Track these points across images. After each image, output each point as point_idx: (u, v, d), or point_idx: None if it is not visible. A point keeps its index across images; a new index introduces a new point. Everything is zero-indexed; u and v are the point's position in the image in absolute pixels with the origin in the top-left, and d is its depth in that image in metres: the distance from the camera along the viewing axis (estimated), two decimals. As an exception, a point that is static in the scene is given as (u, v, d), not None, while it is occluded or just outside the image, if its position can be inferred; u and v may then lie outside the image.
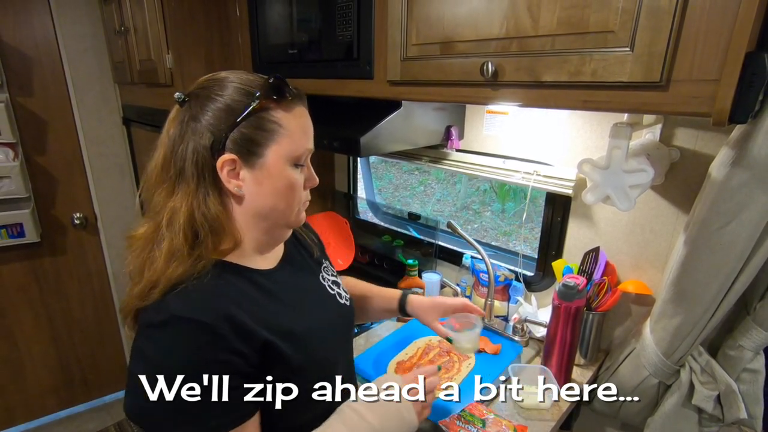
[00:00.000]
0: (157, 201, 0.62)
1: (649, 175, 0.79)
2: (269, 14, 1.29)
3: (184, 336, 0.55)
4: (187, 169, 0.60)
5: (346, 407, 0.66)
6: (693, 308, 0.87)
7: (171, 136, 0.62)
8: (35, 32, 1.77)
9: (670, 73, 0.62)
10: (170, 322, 0.55)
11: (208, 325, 0.55)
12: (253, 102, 0.60)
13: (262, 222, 0.66)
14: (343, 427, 0.64)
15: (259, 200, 0.64)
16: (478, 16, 0.80)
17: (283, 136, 0.62)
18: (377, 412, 0.65)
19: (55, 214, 1.97)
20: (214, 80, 0.63)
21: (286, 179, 0.64)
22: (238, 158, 0.60)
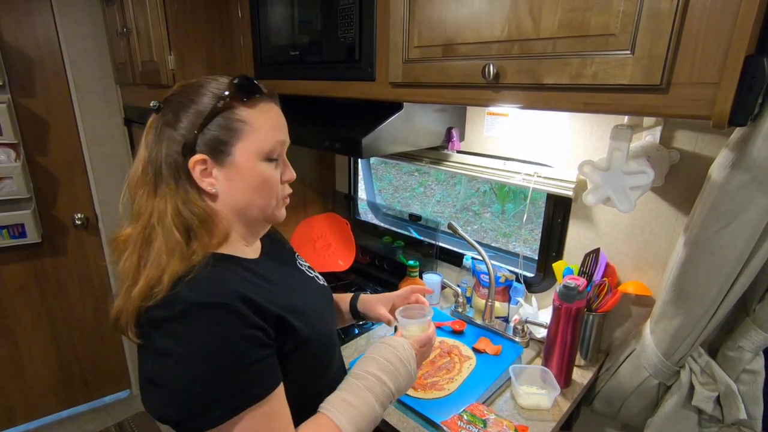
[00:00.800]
0: (140, 203, 0.64)
1: (650, 176, 0.79)
2: (271, 16, 1.29)
3: (206, 320, 0.57)
4: (164, 171, 0.63)
5: (367, 374, 0.69)
6: (693, 309, 0.87)
7: (148, 142, 0.65)
8: (37, 33, 1.78)
9: (671, 76, 0.62)
10: (189, 311, 0.57)
11: (227, 305, 0.58)
12: (219, 103, 0.63)
13: (242, 217, 0.69)
14: (367, 393, 0.67)
15: (234, 197, 0.67)
16: (480, 18, 0.81)
17: (250, 132, 0.65)
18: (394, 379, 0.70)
19: (56, 214, 1.97)
20: (187, 86, 0.66)
21: (258, 175, 0.66)
22: (208, 158, 0.63)
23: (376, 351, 0.73)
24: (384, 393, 0.68)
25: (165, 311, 0.57)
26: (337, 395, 0.67)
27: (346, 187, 1.90)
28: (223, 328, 0.57)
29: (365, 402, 0.66)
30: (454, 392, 1.00)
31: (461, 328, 1.25)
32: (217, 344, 0.56)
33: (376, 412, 0.67)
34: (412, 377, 0.73)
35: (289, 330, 0.65)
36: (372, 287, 1.63)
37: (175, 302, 0.57)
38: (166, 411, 0.57)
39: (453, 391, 1.00)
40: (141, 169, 0.64)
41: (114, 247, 0.66)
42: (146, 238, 0.62)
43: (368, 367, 0.70)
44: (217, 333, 0.57)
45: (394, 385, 0.70)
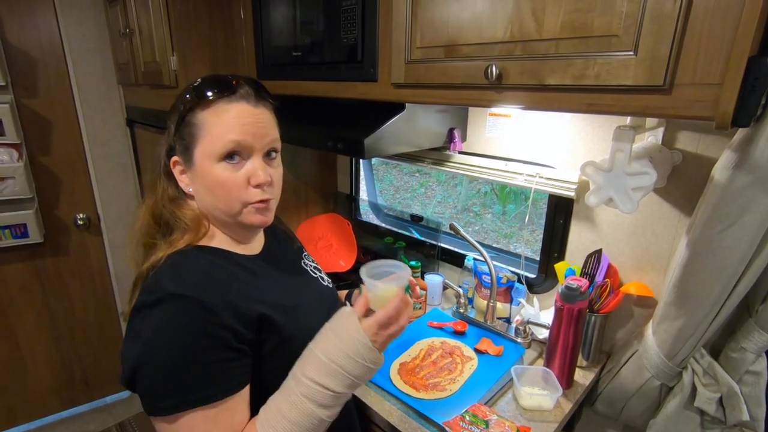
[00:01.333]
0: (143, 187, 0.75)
1: (652, 177, 0.79)
2: (273, 16, 1.30)
3: (175, 311, 0.59)
4: (158, 169, 0.72)
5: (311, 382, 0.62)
6: (695, 310, 0.87)
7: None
8: (40, 33, 1.79)
9: (674, 77, 0.63)
10: (163, 300, 0.60)
11: (199, 301, 0.60)
12: (182, 107, 0.67)
13: (215, 218, 0.71)
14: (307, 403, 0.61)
15: (201, 196, 0.70)
16: (483, 19, 0.81)
17: (204, 135, 0.66)
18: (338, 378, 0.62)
19: (58, 214, 1.98)
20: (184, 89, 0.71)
21: (213, 177, 0.66)
22: (180, 160, 0.69)
23: (320, 344, 0.64)
24: (326, 396, 0.62)
25: (145, 297, 0.61)
26: (274, 402, 0.63)
27: (347, 187, 1.90)
28: (188, 322, 0.59)
29: (301, 411, 0.61)
30: (456, 393, 1.00)
31: (463, 329, 1.25)
32: (180, 336, 0.59)
33: (318, 417, 0.62)
34: (368, 369, 0.63)
35: (272, 328, 0.66)
36: (373, 288, 1.63)
37: (155, 290, 0.61)
38: (131, 387, 0.61)
39: (455, 392, 1.00)
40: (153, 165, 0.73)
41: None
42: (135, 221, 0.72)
43: (307, 370, 0.63)
44: (184, 326, 0.59)
45: (341, 386, 0.62)
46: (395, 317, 0.65)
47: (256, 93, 0.69)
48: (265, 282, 0.72)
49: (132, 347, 0.60)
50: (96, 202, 2.06)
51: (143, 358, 0.58)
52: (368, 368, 0.64)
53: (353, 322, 0.64)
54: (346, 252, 1.76)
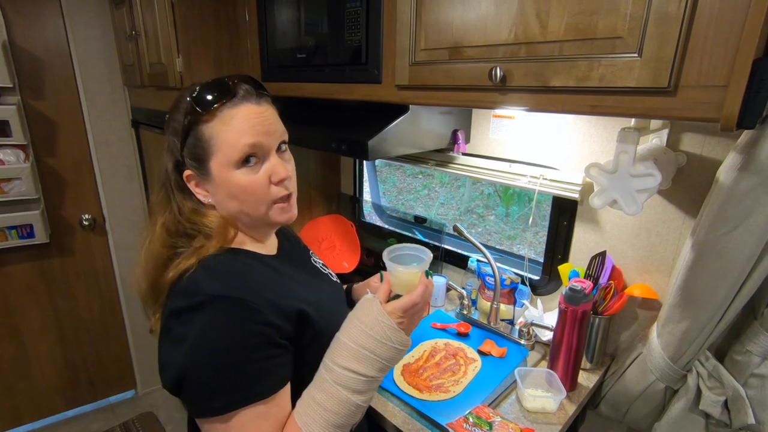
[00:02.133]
0: (151, 205, 0.72)
1: (657, 179, 0.79)
2: (278, 19, 1.30)
3: (221, 313, 0.59)
4: (167, 182, 0.70)
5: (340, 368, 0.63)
6: (700, 313, 0.87)
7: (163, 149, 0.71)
8: (47, 36, 1.80)
9: (678, 78, 0.62)
10: (207, 302, 0.59)
11: (243, 300, 0.60)
12: (185, 123, 0.64)
13: (240, 221, 0.71)
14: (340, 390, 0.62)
15: (224, 204, 0.69)
16: (487, 21, 0.81)
17: (216, 146, 0.64)
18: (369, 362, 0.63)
19: (63, 215, 1.99)
20: (178, 96, 0.68)
21: (235, 184, 0.66)
22: (194, 173, 0.68)
23: (347, 332, 0.65)
24: (360, 381, 0.62)
25: (185, 301, 0.61)
26: (308, 393, 0.64)
27: (351, 189, 1.90)
28: (235, 322, 0.59)
29: (336, 399, 0.62)
30: (460, 394, 1.00)
31: (466, 331, 1.24)
32: (228, 337, 0.59)
33: (354, 403, 0.63)
34: (397, 350, 0.65)
35: (308, 322, 0.67)
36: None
37: (195, 293, 0.60)
38: (176, 392, 0.61)
39: (458, 394, 1.00)
40: (157, 174, 0.72)
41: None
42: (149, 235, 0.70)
43: (337, 357, 0.63)
44: (230, 325, 0.59)
45: (373, 370, 0.63)
46: (413, 305, 0.66)
47: (255, 90, 0.67)
48: (290, 280, 0.72)
49: (176, 352, 0.60)
50: (101, 203, 2.07)
51: (191, 361, 0.58)
52: (397, 350, 0.65)
53: (377, 306, 0.65)
54: (349, 253, 1.76)
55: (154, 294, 0.68)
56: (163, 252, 0.67)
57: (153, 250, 0.67)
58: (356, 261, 1.72)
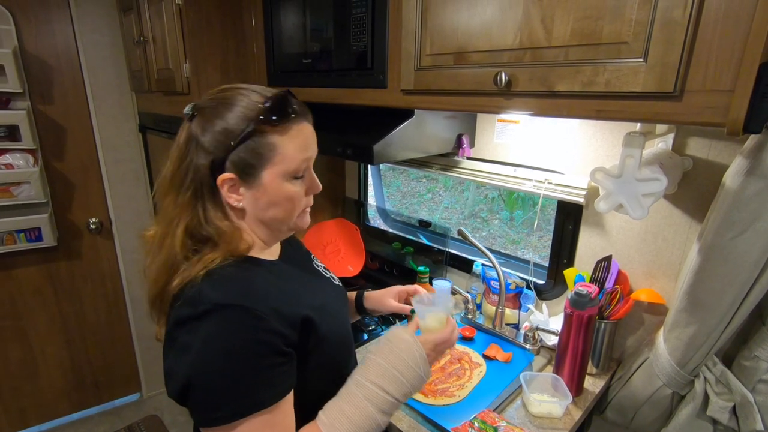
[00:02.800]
0: (165, 207, 0.67)
1: (663, 183, 0.79)
2: (284, 24, 1.32)
3: (226, 321, 0.59)
4: (189, 184, 0.65)
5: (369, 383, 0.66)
6: (707, 318, 0.87)
7: (180, 148, 0.66)
8: (57, 42, 1.83)
9: (684, 83, 0.63)
10: (211, 311, 0.59)
11: (248, 309, 0.60)
12: (248, 128, 0.63)
13: (264, 228, 0.71)
14: (366, 404, 0.65)
15: (258, 212, 0.69)
16: (492, 27, 0.82)
17: (278, 156, 0.65)
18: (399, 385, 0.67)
19: (71, 218, 2.01)
20: (222, 97, 0.66)
21: (283, 194, 0.68)
22: (236, 177, 0.65)
23: (381, 353, 0.69)
24: (386, 402, 0.66)
25: (190, 310, 0.60)
26: (335, 405, 0.66)
27: (355, 193, 1.91)
28: (241, 330, 0.59)
29: (364, 414, 0.64)
30: (465, 399, 1.00)
31: (471, 335, 1.24)
32: (233, 344, 0.59)
33: (377, 422, 0.65)
34: (422, 379, 0.70)
35: (312, 328, 0.67)
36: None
37: (200, 302, 0.60)
38: (182, 401, 0.60)
39: (463, 398, 1.00)
40: (172, 175, 0.66)
41: (144, 242, 0.71)
42: (163, 240, 0.66)
43: (369, 374, 0.67)
44: (235, 334, 0.59)
45: (399, 393, 0.67)
46: (445, 341, 0.74)
47: (308, 109, 0.71)
48: (294, 284, 0.73)
49: (181, 360, 0.59)
50: (108, 207, 2.09)
51: (196, 370, 0.58)
52: (421, 378, 0.69)
53: (411, 335, 0.71)
54: (354, 257, 1.76)
55: (162, 301, 0.67)
56: (179, 256, 0.65)
57: (170, 254, 0.65)
58: (361, 265, 1.72)
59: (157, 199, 0.69)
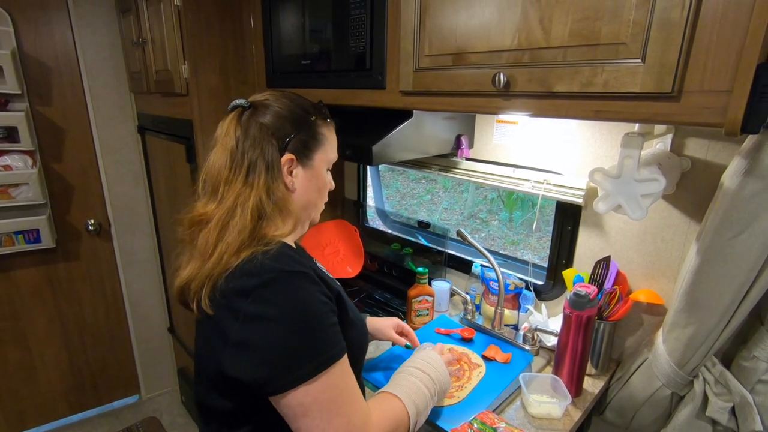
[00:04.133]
0: (226, 189, 0.71)
1: (661, 184, 0.79)
2: (283, 25, 1.32)
3: (293, 285, 0.65)
4: (259, 164, 0.71)
5: (406, 368, 0.86)
6: (706, 318, 0.87)
7: (237, 136, 0.73)
8: (55, 43, 1.83)
9: (682, 84, 0.63)
10: (279, 278, 0.64)
11: (308, 275, 0.67)
12: (311, 117, 0.78)
13: (303, 213, 0.80)
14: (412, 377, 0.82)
15: (306, 193, 0.78)
16: (491, 28, 0.82)
17: (326, 145, 0.80)
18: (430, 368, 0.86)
19: (70, 220, 2.01)
20: (270, 98, 0.77)
21: (323, 179, 0.82)
22: (295, 158, 0.75)
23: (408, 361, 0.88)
24: (426, 378, 0.82)
25: (255, 280, 0.64)
26: (389, 384, 0.81)
27: (354, 194, 1.91)
28: (307, 292, 0.66)
29: (412, 383, 0.81)
30: (464, 400, 1.00)
31: (470, 336, 1.24)
32: (304, 306, 0.65)
33: (425, 393, 0.80)
34: (445, 373, 0.88)
35: (343, 307, 0.74)
36: (381, 294, 1.63)
37: (264, 271, 0.64)
38: (258, 371, 0.62)
39: (462, 399, 1.00)
40: (229, 158, 0.72)
41: (190, 225, 0.73)
42: (229, 218, 0.69)
43: (405, 366, 0.86)
44: (303, 296, 0.65)
45: (433, 373, 0.84)
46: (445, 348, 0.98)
47: None
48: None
49: (256, 329, 0.63)
50: (107, 209, 2.09)
51: (275, 334, 0.62)
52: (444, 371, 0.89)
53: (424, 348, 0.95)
54: (353, 258, 1.76)
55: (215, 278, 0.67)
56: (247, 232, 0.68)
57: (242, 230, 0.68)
58: (360, 266, 1.72)
59: (209, 182, 0.73)
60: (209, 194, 0.73)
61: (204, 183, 0.75)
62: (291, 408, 0.63)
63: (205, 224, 0.71)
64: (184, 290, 0.72)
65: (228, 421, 0.73)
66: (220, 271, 0.66)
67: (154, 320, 2.35)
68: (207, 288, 0.67)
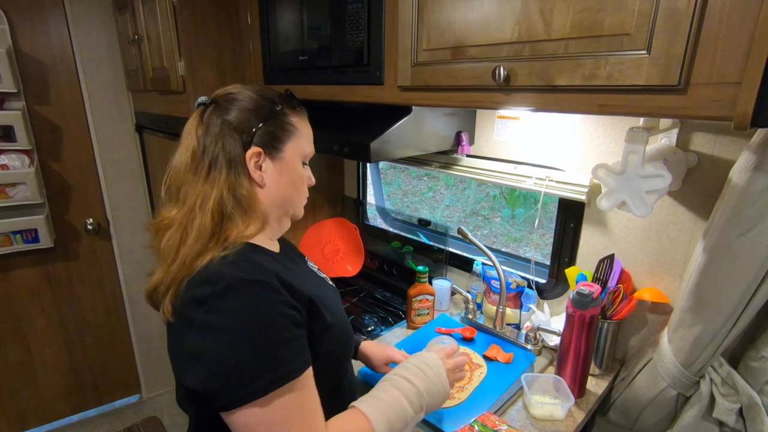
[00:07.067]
0: (188, 188, 0.68)
1: (667, 180, 0.77)
2: (280, 22, 1.30)
3: (249, 295, 0.60)
4: (220, 160, 0.68)
5: (394, 375, 0.76)
6: (713, 317, 0.84)
7: (199, 135, 0.69)
8: (52, 42, 1.81)
9: (689, 76, 0.60)
10: (233, 286, 0.60)
11: (267, 283, 0.62)
12: (277, 107, 0.73)
13: (277, 210, 0.75)
14: (394, 390, 0.73)
15: (277, 189, 0.73)
16: (490, 20, 0.79)
17: (298, 136, 0.75)
18: (421, 378, 0.76)
19: (68, 219, 2.00)
20: (234, 91, 0.73)
21: (298, 173, 0.76)
22: (263, 151, 0.70)
23: (406, 361, 0.80)
24: (412, 391, 0.73)
25: (209, 288, 0.60)
26: (368, 395, 0.73)
27: (355, 191, 1.89)
28: (264, 303, 0.61)
29: (393, 397, 0.71)
30: (465, 401, 0.98)
31: (471, 335, 1.22)
32: (259, 318, 0.60)
33: (406, 410, 0.71)
34: (443, 383, 0.78)
35: (318, 313, 0.69)
36: (381, 293, 1.61)
37: (220, 279, 0.61)
38: (209, 383, 0.59)
39: (463, 401, 0.98)
40: (190, 157, 0.68)
41: (156, 231, 0.70)
42: (190, 219, 0.66)
43: (395, 372, 0.76)
44: (259, 307, 0.60)
45: (422, 385, 0.74)
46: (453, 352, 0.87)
47: None
48: (297, 273, 0.75)
49: (206, 340, 0.59)
50: (105, 208, 2.08)
51: (226, 346, 0.58)
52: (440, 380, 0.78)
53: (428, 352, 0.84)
54: (353, 256, 1.74)
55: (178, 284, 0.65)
56: (208, 234, 0.65)
57: (202, 232, 0.65)
58: (360, 264, 1.70)
59: (173, 185, 0.70)
60: (174, 197, 0.70)
61: (168, 187, 0.71)
62: (237, 426, 0.60)
63: (169, 229, 0.68)
64: (153, 295, 0.69)
65: (206, 426, 0.70)
66: (183, 275, 0.64)
67: (154, 319, 2.34)
68: (171, 293, 0.64)
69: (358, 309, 1.51)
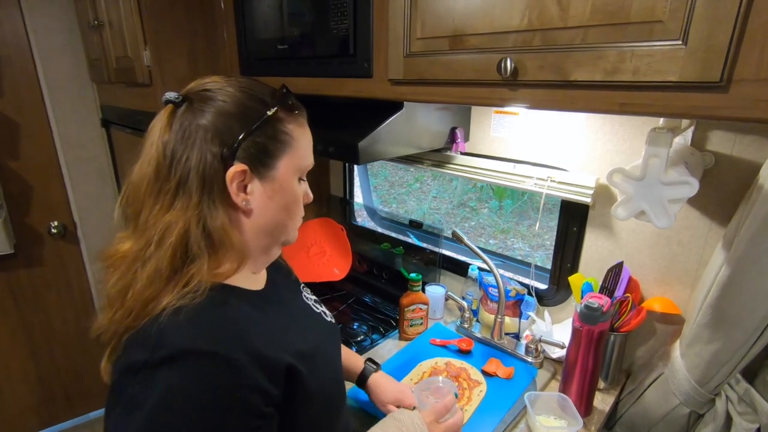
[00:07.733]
0: (148, 215, 0.53)
1: (694, 188, 0.69)
2: (257, 6, 1.17)
3: (193, 373, 0.47)
4: (191, 180, 0.53)
5: None
6: (734, 334, 0.78)
7: (165, 142, 0.54)
8: (3, 28, 1.64)
9: (732, 71, 0.52)
10: (175, 358, 0.47)
11: (222, 357, 0.48)
12: (269, 110, 0.56)
13: (265, 239, 0.61)
14: None
15: (266, 215, 0.59)
16: (495, 5, 0.69)
17: (295, 148, 0.59)
18: None
19: (30, 222, 1.84)
20: (212, 86, 0.56)
21: (293, 194, 0.61)
22: (248, 169, 0.55)
23: (381, 427, 0.69)
24: None
25: (145, 354, 0.47)
26: None
27: (341, 190, 1.78)
28: (214, 387, 0.47)
29: None
30: (465, 425, 0.90)
31: (468, 347, 1.14)
32: (199, 403, 0.46)
33: None
34: None
35: (299, 382, 0.56)
36: (370, 298, 1.52)
37: (160, 345, 0.47)
38: None
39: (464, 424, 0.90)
40: (153, 173, 0.53)
41: (108, 263, 0.56)
42: (145, 258, 0.52)
43: None
44: (203, 389, 0.47)
45: None
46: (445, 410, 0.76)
47: None
48: (280, 321, 0.61)
49: (129, 419, 0.46)
50: (71, 209, 1.93)
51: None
52: None
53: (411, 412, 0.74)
54: (340, 259, 1.65)
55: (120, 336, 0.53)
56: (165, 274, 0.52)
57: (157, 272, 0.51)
58: (348, 267, 1.60)
59: (132, 206, 0.56)
60: (132, 222, 0.56)
61: (125, 207, 0.56)
62: None
63: (119, 268, 0.54)
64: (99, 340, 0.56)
65: None
66: (126, 327, 0.51)
67: (130, 326, 2.22)
68: (110, 348, 0.53)
69: (346, 316, 1.41)
